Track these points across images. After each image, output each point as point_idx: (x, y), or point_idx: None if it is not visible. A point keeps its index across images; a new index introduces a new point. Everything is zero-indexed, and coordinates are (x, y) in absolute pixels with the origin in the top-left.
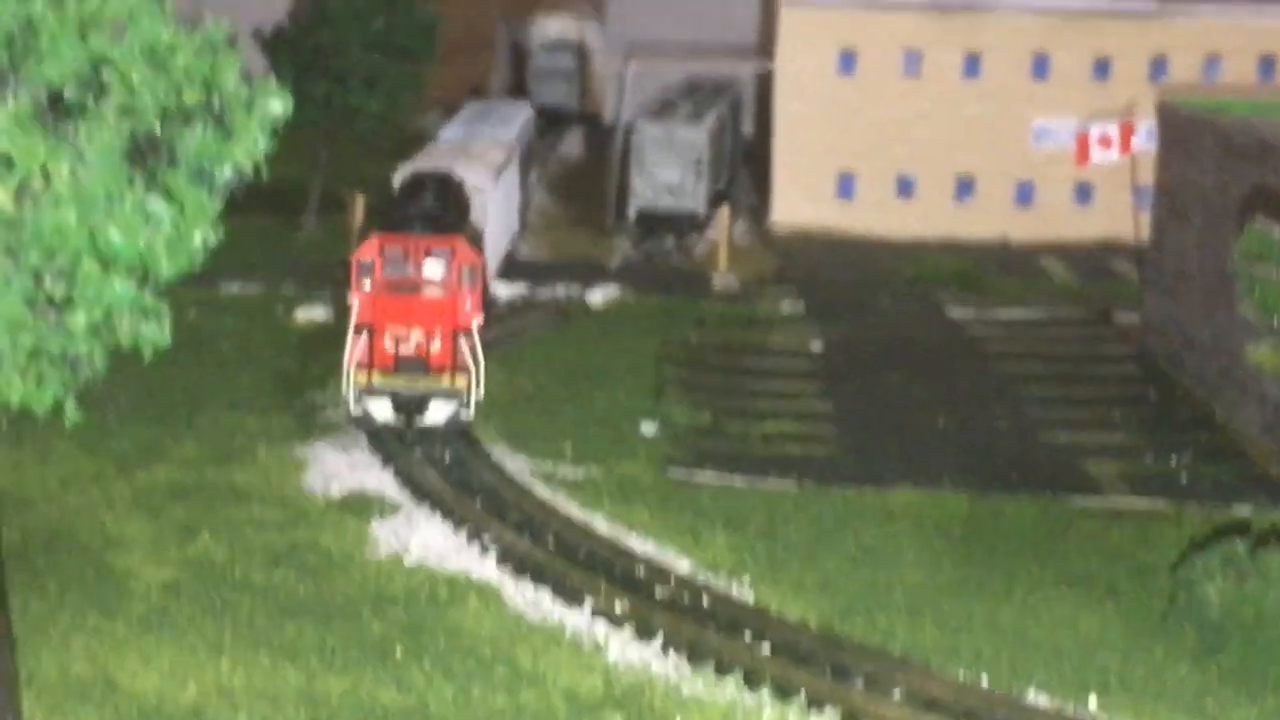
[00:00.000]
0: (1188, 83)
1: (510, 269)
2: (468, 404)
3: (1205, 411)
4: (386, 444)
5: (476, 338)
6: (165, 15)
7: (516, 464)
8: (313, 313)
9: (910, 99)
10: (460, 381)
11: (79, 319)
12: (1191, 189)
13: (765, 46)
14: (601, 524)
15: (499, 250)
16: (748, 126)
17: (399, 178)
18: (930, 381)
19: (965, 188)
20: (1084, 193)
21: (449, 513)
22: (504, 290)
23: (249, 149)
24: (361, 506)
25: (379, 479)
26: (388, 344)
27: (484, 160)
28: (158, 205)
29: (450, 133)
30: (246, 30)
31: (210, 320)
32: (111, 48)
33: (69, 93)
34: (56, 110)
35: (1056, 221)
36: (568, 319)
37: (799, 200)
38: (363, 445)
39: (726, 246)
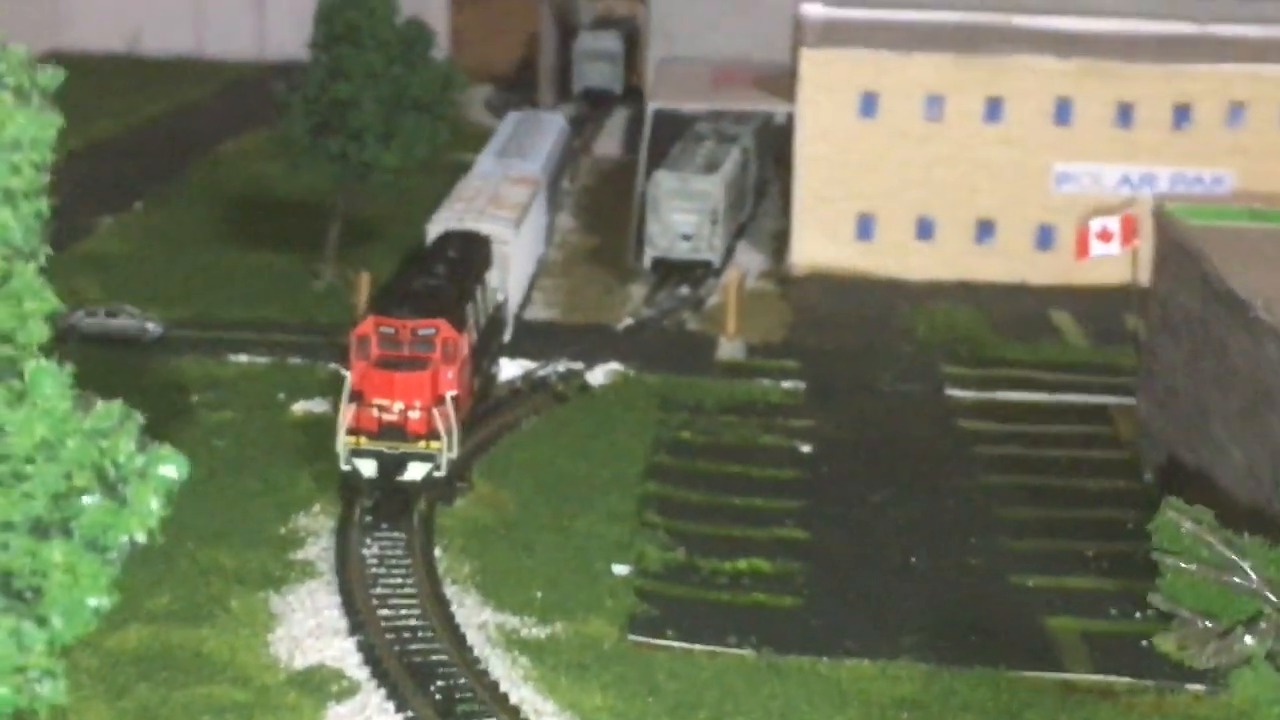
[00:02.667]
0: (1210, 132)
1: (516, 338)
2: (440, 465)
3: None
4: (355, 606)
5: (450, 407)
6: (64, 388)
7: (482, 620)
8: (310, 404)
9: (931, 142)
10: (434, 446)
11: None
12: (1181, 310)
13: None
14: (551, 714)
15: (522, 285)
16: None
17: (432, 233)
18: (912, 500)
19: (985, 230)
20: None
21: (401, 704)
22: (506, 369)
23: (143, 518)
24: (320, 684)
25: (341, 649)
26: (374, 411)
27: (508, 206)
28: (30, 630)
29: (484, 165)
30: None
31: (211, 409)
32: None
33: None
34: None
35: (1075, 265)
36: (565, 402)
37: (818, 240)
38: (333, 602)
39: (735, 311)
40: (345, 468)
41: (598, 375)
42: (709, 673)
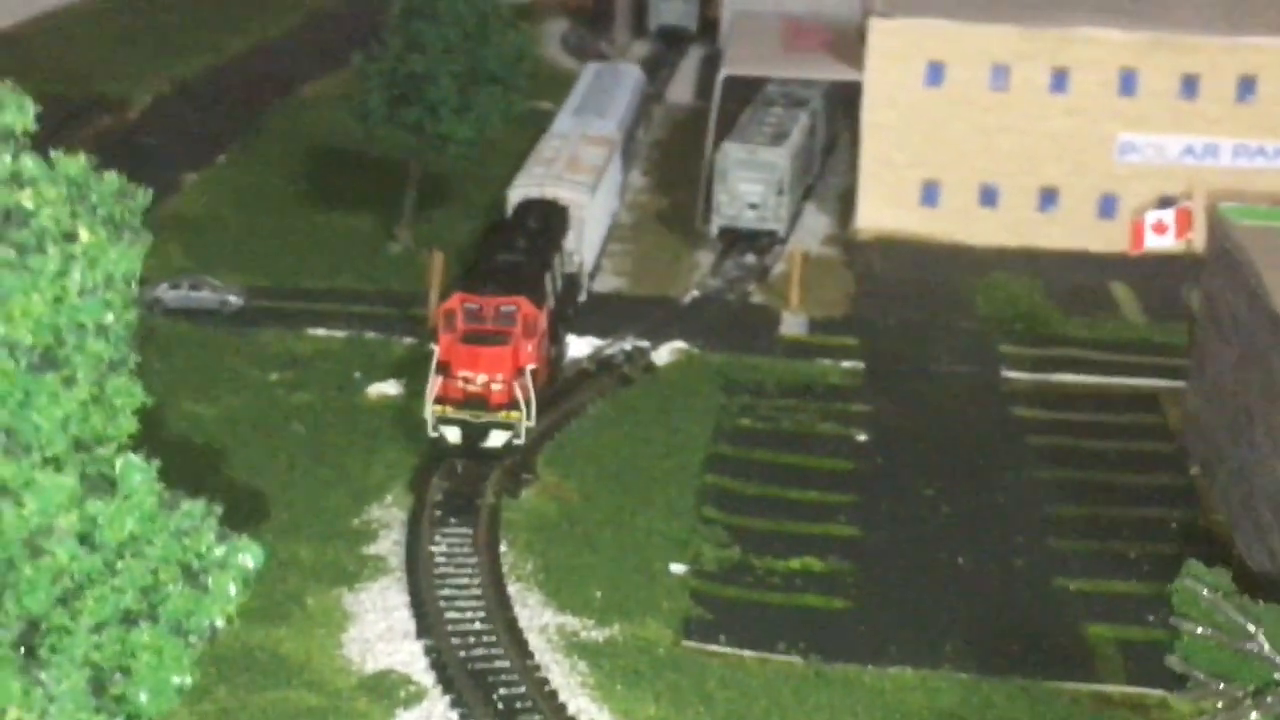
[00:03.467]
0: (1273, 104)
1: (584, 312)
2: (520, 434)
3: (1223, 550)
4: (424, 608)
5: (529, 379)
6: (151, 482)
7: (544, 622)
8: (385, 387)
9: (996, 111)
10: (514, 415)
11: None
12: (1230, 313)
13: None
14: None
15: (596, 245)
16: None
17: (512, 199)
18: (963, 495)
19: (1048, 199)
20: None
21: (466, 713)
22: (573, 345)
23: (223, 605)
24: (389, 689)
25: (410, 653)
26: (459, 382)
27: (584, 169)
28: None
29: (562, 124)
30: None
31: (290, 390)
32: (88, 559)
33: (44, 613)
34: (29, 641)
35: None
36: (630, 384)
37: (884, 206)
38: (402, 602)
39: (799, 285)
40: (433, 434)
41: (662, 354)
42: (759, 680)
